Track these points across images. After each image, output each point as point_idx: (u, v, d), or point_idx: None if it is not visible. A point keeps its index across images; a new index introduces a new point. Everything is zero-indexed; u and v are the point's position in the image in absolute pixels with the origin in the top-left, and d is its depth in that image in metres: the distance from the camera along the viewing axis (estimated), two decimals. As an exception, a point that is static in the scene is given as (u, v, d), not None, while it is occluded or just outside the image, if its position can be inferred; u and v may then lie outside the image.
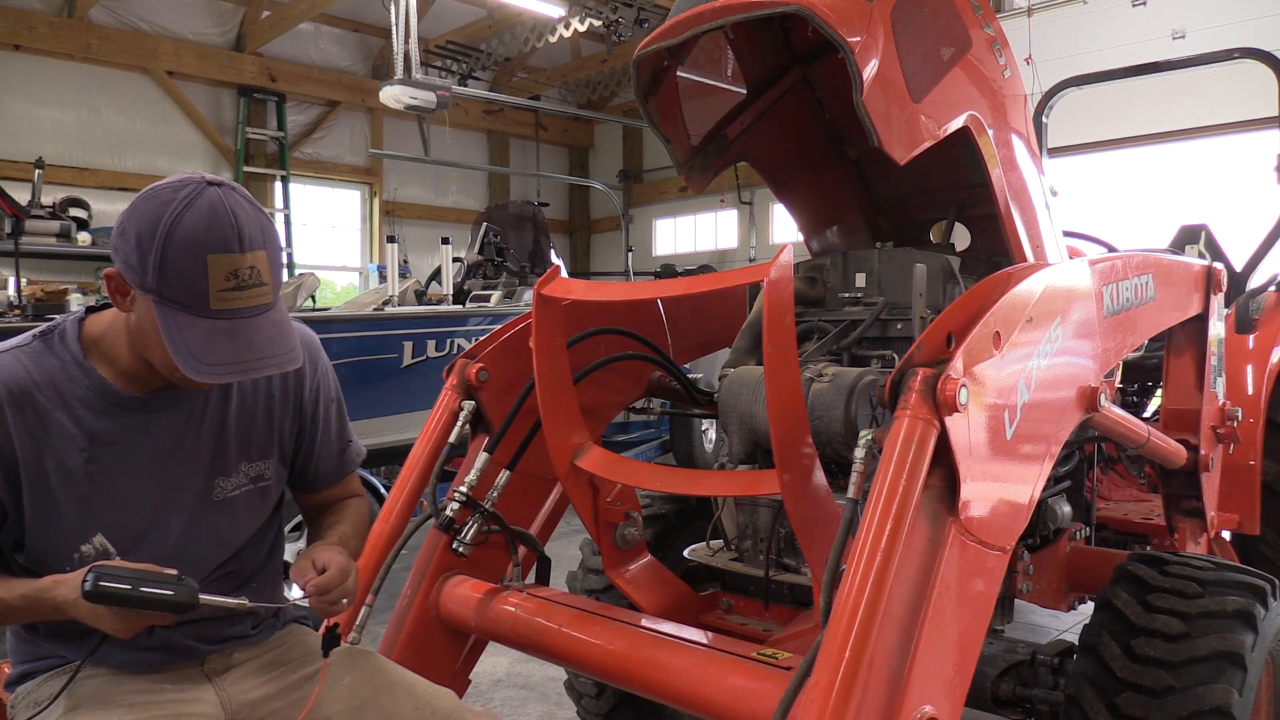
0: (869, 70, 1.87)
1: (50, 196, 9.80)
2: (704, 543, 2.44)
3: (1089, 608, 2.18)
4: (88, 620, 1.35)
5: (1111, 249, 3.94)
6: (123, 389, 1.50)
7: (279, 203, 12.53)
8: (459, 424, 2.24)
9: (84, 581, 1.31)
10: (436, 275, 6.95)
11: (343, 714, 1.62)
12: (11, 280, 6.24)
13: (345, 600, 1.55)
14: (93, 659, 1.46)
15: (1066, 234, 2.99)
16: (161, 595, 1.34)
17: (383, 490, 4.60)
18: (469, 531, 2.10)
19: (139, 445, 1.51)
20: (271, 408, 1.66)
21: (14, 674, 1.58)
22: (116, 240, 1.37)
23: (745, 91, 2.58)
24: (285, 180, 12.54)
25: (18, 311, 5.52)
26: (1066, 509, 2.62)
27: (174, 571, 1.37)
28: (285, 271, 12.26)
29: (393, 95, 8.46)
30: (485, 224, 7.59)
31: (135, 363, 1.48)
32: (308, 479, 1.77)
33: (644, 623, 1.93)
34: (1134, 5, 9.60)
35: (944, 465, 1.40)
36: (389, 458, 5.34)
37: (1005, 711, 2.09)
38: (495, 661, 3.83)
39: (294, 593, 1.58)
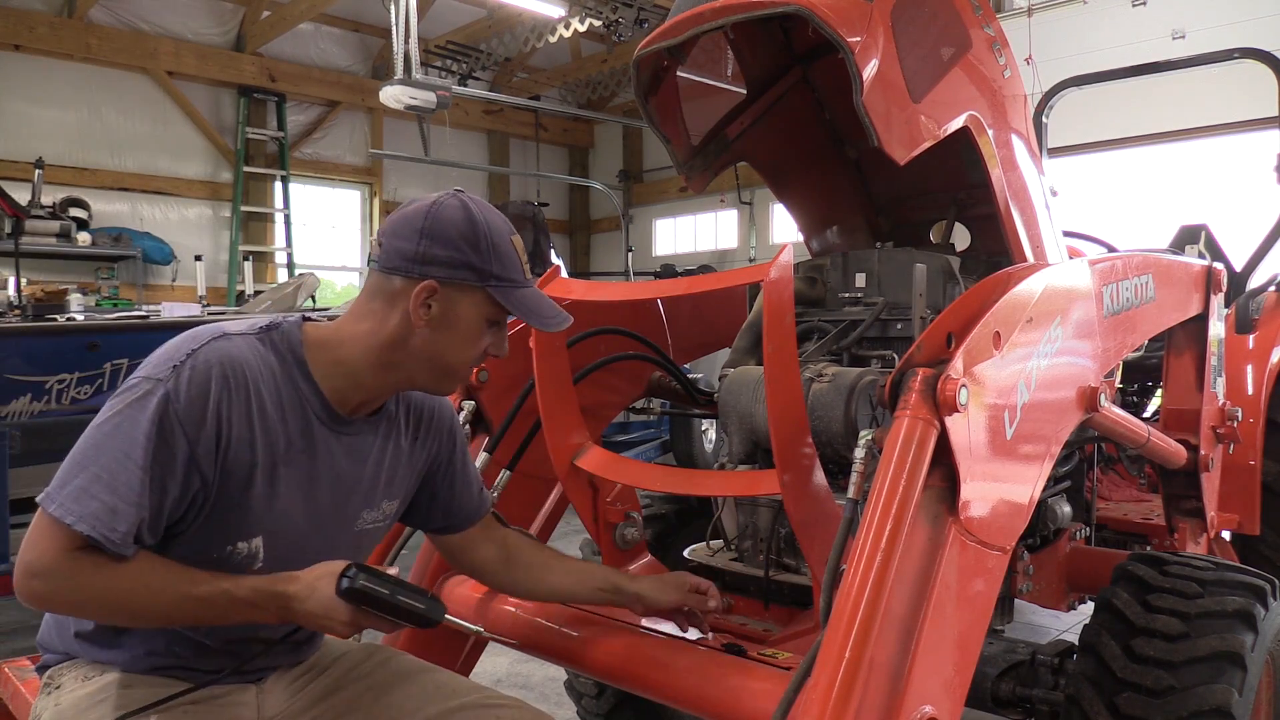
0: (869, 70, 1.87)
1: (50, 196, 9.81)
2: (704, 543, 2.44)
3: (1089, 608, 2.18)
4: (311, 620, 1.37)
5: (1111, 249, 3.94)
6: (330, 403, 1.51)
7: (279, 203, 12.52)
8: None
9: (342, 579, 1.33)
10: (436, 275, 6.94)
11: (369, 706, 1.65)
12: (11, 280, 6.24)
13: None
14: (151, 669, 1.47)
15: (1066, 234, 2.99)
16: (414, 606, 1.37)
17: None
18: (469, 531, 2.10)
19: (323, 462, 1.51)
20: (414, 451, 1.69)
21: (47, 661, 1.56)
22: (431, 252, 1.45)
23: (745, 91, 2.58)
24: (285, 180, 12.52)
25: (18, 311, 5.52)
26: (1066, 509, 2.62)
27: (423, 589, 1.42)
28: (285, 271, 12.29)
29: (393, 95, 8.46)
30: (485, 224, 7.59)
31: (346, 382, 1.51)
32: (454, 518, 1.81)
33: (644, 623, 1.93)
34: (1134, 5, 9.60)
35: (944, 465, 1.40)
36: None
37: (1005, 711, 2.09)
38: (495, 661, 3.83)
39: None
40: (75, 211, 9.95)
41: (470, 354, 1.53)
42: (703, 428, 7.41)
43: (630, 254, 11.06)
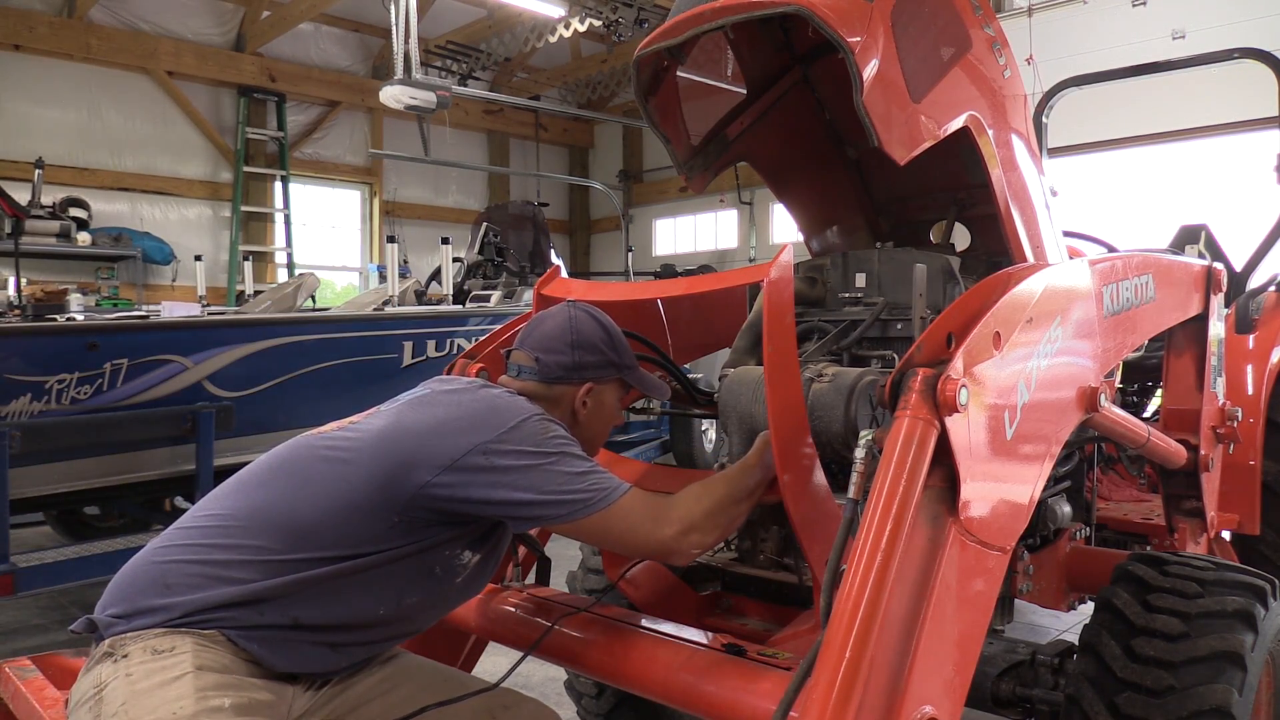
0: (869, 70, 1.87)
1: (50, 196, 9.81)
2: (704, 543, 2.44)
3: (1089, 608, 2.18)
4: None
5: (1111, 249, 3.94)
6: None
7: (279, 203, 12.53)
8: (459, 424, 2.23)
9: None
10: (436, 275, 6.95)
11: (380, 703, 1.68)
12: (11, 280, 6.24)
13: None
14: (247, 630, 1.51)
15: (1066, 234, 2.99)
16: None
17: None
18: (469, 531, 2.10)
19: None
20: None
21: (111, 613, 1.53)
22: (583, 359, 1.84)
23: (745, 91, 2.58)
24: (285, 180, 12.53)
25: (18, 311, 5.52)
26: (1066, 509, 2.62)
27: None
28: (285, 271, 12.30)
29: (393, 95, 8.45)
30: (485, 224, 7.60)
31: None
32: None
33: (644, 623, 1.94)
34: (1134, 5, 9.59)
35: (944, 465, 1.40)
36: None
37: (1005, 711, 2.09)
38: (495, 661, 3.81)
39: None
40: (75, 211, 9.96)
41: (613, 426, 1.96)
42: (703, 428, 7.41)
43: (630, 254, 11.03)
